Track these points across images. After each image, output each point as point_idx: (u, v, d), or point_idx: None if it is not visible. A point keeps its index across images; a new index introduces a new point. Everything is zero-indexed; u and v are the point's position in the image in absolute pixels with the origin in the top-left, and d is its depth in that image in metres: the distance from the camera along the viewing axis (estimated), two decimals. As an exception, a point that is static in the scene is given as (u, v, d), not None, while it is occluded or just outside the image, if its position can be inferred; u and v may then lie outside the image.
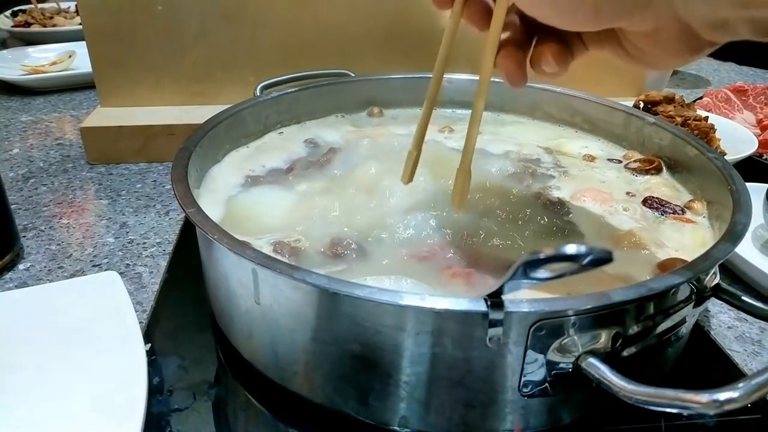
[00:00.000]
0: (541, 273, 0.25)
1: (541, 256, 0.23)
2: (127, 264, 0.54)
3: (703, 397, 0.26)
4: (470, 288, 0.36)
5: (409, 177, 0.40)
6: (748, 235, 0.56)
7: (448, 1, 0.35)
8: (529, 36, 0.34)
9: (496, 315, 0.28)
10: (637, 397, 0.28)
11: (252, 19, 0.74)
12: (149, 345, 0.42)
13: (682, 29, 0.27)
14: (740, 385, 0.26)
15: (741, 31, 0.25)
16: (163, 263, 0.53)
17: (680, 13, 0.26)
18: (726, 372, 0.43)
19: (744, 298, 0.37)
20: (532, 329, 0.30)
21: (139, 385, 0.36)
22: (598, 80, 0.81)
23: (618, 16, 0.28)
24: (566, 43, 0.33)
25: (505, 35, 0.34)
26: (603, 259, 0.22)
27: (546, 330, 0.30)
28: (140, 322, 0.43)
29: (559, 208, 0.45)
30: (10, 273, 0.52)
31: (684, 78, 1.20)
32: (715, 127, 0.68)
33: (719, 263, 0.35)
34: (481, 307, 0.29)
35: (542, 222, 0.43)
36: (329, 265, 0.39)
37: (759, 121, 0.84)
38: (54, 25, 1.27)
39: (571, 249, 0.22)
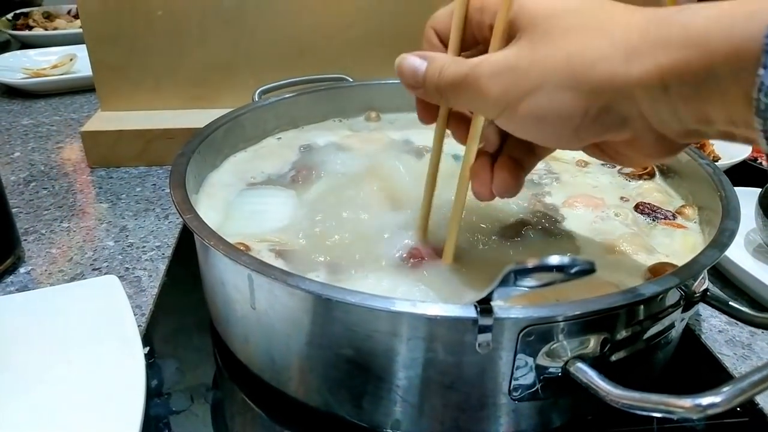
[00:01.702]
0: (529, 281, 0.25)
1: (528, 265, 0.23)
2: (127, 268, 0.54)
3: (686, 402, 0.27)
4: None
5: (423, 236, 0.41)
6: (740, 240, 0.57)
7: (432, 116, 0.37)
8: (501, 140, 0.36)
9: (485, 321, 0.29)
10: (623, 402, 0.29)
11: (251, 23, 0.75)
12: (148, 348, 0.43)
13: (657, 137, 0.28)
14: (723, 389, 0.27)
15: (713, 137, 0.28)
16: (162, 267, 0.54)
17: (655, 127, 0.27)
18: (716, 375, 0.43)
19: (731, 303, 0.37)
20: (521, 335, 0.30)
21: (138, 387, 0.37)
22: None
23: (596, 136, 0.29)
24: (531, 150, 0.35)
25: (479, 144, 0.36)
26: (586, 270, 0.23)
27: (535, 335, 0.31)
28: (139, 326, 0.44)
29: (550, 214, 0.46)
30: (11, 276, 0.53)
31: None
32: (710, 132, 0.69)
33: (706, 269, 0.35)
34: (471, 313, 0.29)
35: (533, 229, 0.43)
36: (325, 270, 0.39)
37: (754, 125, 0.84)
38: (55, 28, 1.28)
39: (554, 260, 0.23)
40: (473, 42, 0.34)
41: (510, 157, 0.35)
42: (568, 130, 0.29)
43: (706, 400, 0.26)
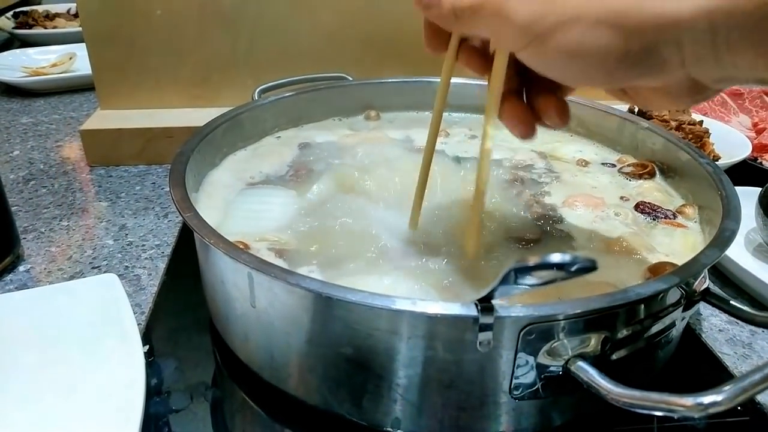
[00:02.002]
0: (530, 279, 0.25)
1: (529, 263, 0.23)
2: (126, 266, 0.54)
3: (688, 401, 0.27)
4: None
5: (415, 225, 0.41)
6: (740, 239, 0.57)
7: (441, 45, 0.34)
8: (522, 82, 0.33)
9: (486, 319, 0.29)
10: (624, 400, 0.29)
11: (250, 23, 0.75)
12: (147, 347, 0.43)
13: (691, 83, 0.26)
14: (725, 388, 0.27)
15: (747, 83, 0.26)
16: (162, 265, 0.54)
17: (692, 73, 0.26)
18: (716, 374, 0.43)
19: (732, 302, 0.37)
20: (522, 333, 0.30)
21: (138, 386, 0.37)
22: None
23: (630, 80, 0.27)
24: (559, 87, 0.33)
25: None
26: (587, 267, 0.23)
27: (536, 334, 0.31)
28: (139, 324, 0.44)
29: (550, 213, 0.46)
30: (10, 275, 0.53)
31: (681, 81, 1.20)
32: (710, 131, 0.69)
33: (707, 268, 0.35)
34: (472, 311, 0.29)
35: (534, 228, 0.43)
36: (324, 269, 0.39)
37: (754, 125, 0.85)
38: (55, 27, 1.28)
39: (556, 258, 0.23)
40: None
41: (546, 90, 0.32)
42: (601, 71, 0.26)
43: (708, 398, 0.26)
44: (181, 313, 0.48)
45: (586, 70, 0.26)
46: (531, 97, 0.33)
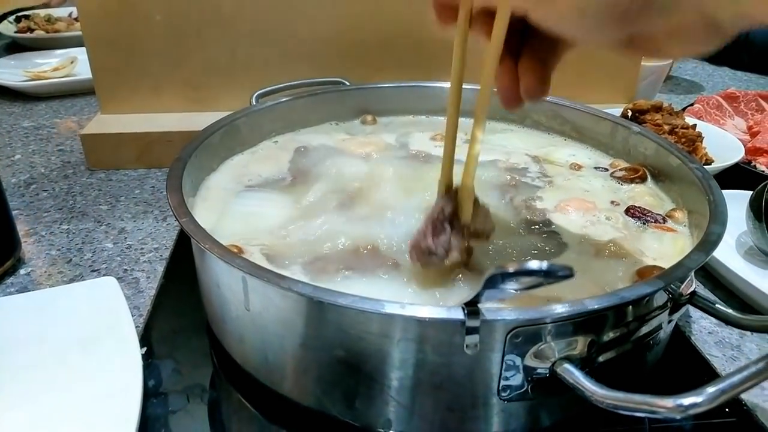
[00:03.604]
0: (513, 284, 0.26)
1: (508, 270, 0.24)
2: (125, 269, 0.55)
3: (668, 402, 0.27)
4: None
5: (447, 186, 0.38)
6: (732, 242, 0.58)
7: (451, 17, 0.33)
8: (520, 41, 0.33)
9: (473, 323, 0.30)
10: (608, 402, 0.29)
11: (249, 27, 0.76)
12: (145, 348, 0.43)
13: (707, 25, 0.25)
14: (705, 390, 0.28)
15: (763, 21, 0.24)
16: (160, 269, 0.55)
17: (708, 12, 0.25)
18: (705, 376, 0.44)
19: (718, 305, 0.38)
20: (508, 336, 0.31)
21: (135, 387, 0.38)
22: (589, 87, 0.83)
23: (642, 24, 0.26)
24: (554, 44, 0.32)
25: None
26: (563, 275, 0.23)
27: (522, 337, 0.31)
28: (137, 326, 0.44)
29: (542, 218, 0.46)
30: (11, 278, 0.53)
31: (678, 83, 1.21)
32: (703, 135, 0.70)
33: (693, 272, 0.36)
34: (459, 315, 0.30)
35: (525, 233, 0.44)
36: (317, 273, 0.40)
37: (749, 128, 0.85)
38: (56, 31, 1.29)
39: (534, 264, 0.23)
40: None
41: (533, 57, 0.32)
42: (612, 18, 0.25)
43: (687, 400, 0.27)
44: (179, 315, 0.49)
45: (597, 20, 0.26)
46: (518, 64, 0.33)
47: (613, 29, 0.26)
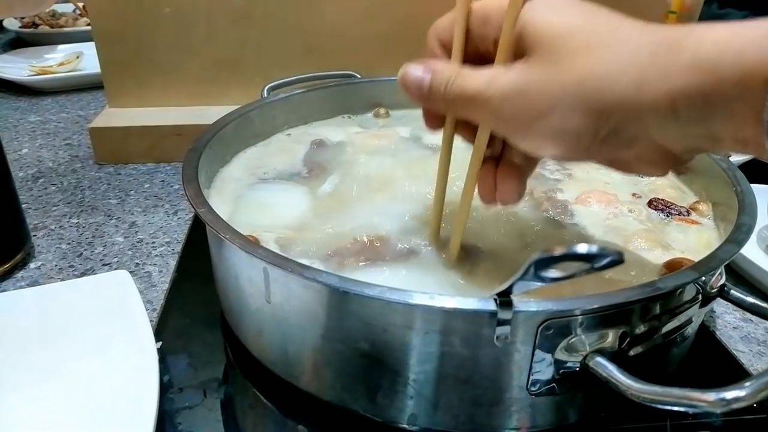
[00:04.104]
0: (551, 273, 0.25)
1: (554, 254, 0.23)
2: (137, 263, 0.54)
3: (710, 396, 0.26)
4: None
5: (435, 238, 0.41)
6: (753, 236, 0.57)
7: (438, 123, 0.37)
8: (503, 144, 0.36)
9: (504, 314, 0.29)
10: (645, 396, 0.28)
11: (259, 20, 0.75)
12: (161, 343, 0.42)
13: (664, 153, 0.29)
14: (747, 383, 0.27)
15: (720, 152, 0.30)
16: (173, 262, 0.54)
17: (662, 145, 0.28)
18: (731, 372, 0.43)
19: (749, 298, 0.37)
20: (540, 328, 0.30)
21: (151, 383, 0.37)
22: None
23: (605, 154, 0.30)
24: (531, 157, 0.35)
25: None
26: (615, 260, 0.22)
27: (554, 329, 0.30)
28: (150, 321, 0.43)
29: (563, 210, 0.45)
30: (21, 272, 0.53)
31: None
32: (720, 129, 0.69)
33: (724, 264, 0.35)
34: (490, 306, 0.29)
35: (546, 225, 0.43)
36: (334, 265, 0.39)
37: (764, 123, 0.84)
38: (61, 26, 1.28)
39: (582, 248, 0.22)
40: (476, 53, 0.33)
41: (511, 162, 0.35)
42: (578, 149, 0.29)
43: (730, 394, 0.26)
44: (193, 309, 0.48)
45: (565, 149, 0.29)
46: (497, 170, 0.36)
47: (581, 156, 0.30)
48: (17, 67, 1.04)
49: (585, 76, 0.27)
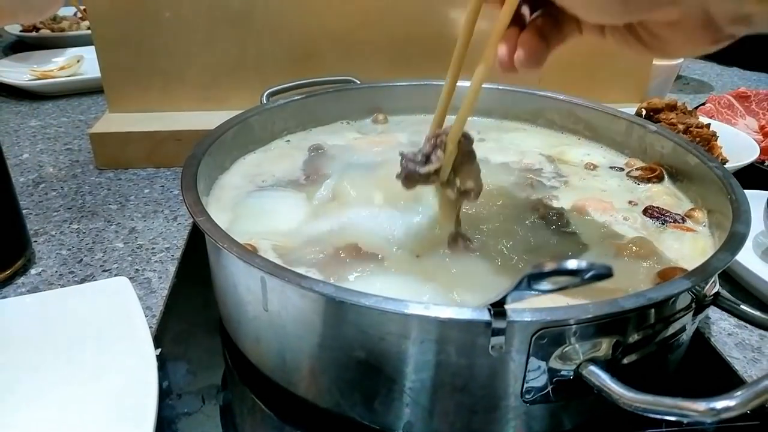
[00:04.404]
0: (543, 285, 0.25)
1: (545, 269, 0.23)
2: (137, 269, 0.55)
3: (701, 405, 0.27)
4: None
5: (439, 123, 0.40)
6: (749, 243, 0.57)
7: None
8: (531, 11, 0.34)
9: (499, 324, 0.29)
10: (636, 405, 0.29)
11: (258, 26, 0.75)
12: (159, 350, 0.43)
13: (706, 20, 0.26)
14: (737, 393, 0.27)
15: (762, 27, 0.26)
16: (172, 268, 0.54)
17: (707, 6, 0.26)
18: (726, 379, 0.43)
19: (743, 306, 0.37)
20: (534, 338, 0.31)
21: (151, 389, 0.37)
22: (600, 86, 0.82)
23: (646, 10, 0.27)
24: (559, 24, 0.33)
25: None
26: (603, 274, 0.23)
27: (548, 338, 0.31)
28: (150, 327, 0.44)
29: (559, 217, 0.46)
30: (22, 278, 0.53)
31: (687, 83, 1.20)
32: (717, 135, 0.69)
33: (718, 272, 0.35)
34: (485, 316, 0.29)
35: (542, 232, 0.43)
36: (332, 272, 0.39)
37: (761, 127, 0.84)
38: (62, 30, 1.28)
39: (572, 264, 0.23)
40: None
41: (536, 30, 0.33)
42: (618, 3, 0.27)
43: (720, 403, 0.26)
44: (192, 315, 0.48)
45: (605, 3, 0.27)
46: (520, 35, 0.34)
47: (619, 12, 0.27)
48: (18, 71, 1.05)
49: None
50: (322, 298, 0.33)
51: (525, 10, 0.34)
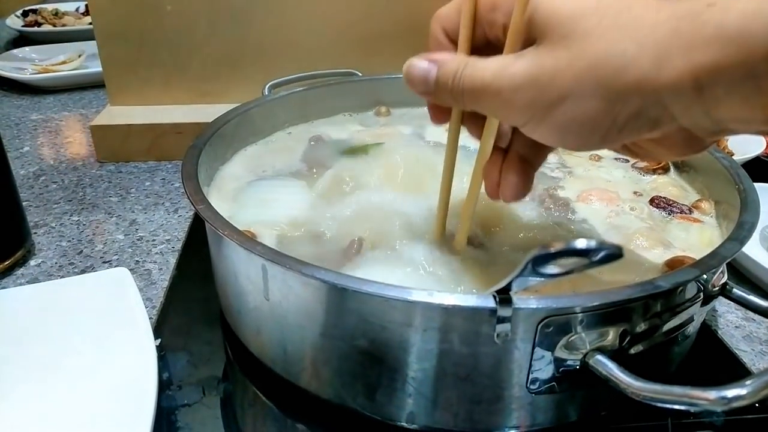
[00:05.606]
0: (550, 269, 0.25)
1: (552, 250, 0.23)
2: (137, 261, 0.54)
3: (711, 394, 0.26)
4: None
5: (439, 235, 0.40)
6: (755, 235, 0.56)
7: (444, 118, 0.36)
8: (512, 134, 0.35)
9: (504, 311, 0.29)
10: (645, 394, 0.28)
11: (260, 18, 0.75)
12: (159, 341, 0.42)
13: (687, 136, 0.28)
14: (748, 382, 0.26)
15: (743, 133, 0.27)
16: (172, 260, 0.54)
17: (686, 127, 0.27)
18: (733, 371, 0.43)
19: (751, 297, 0.37)
20: (540, 326, 0.30)
21: (150, 380, 0.37)
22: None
23: (624, 140, 0.28)
24: (540, 147, 0.33)
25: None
26: (614, 254, 0.22)
27: (554, 327, 0.30)
28: (150, 318, 0.43)
29: (564, 208, 0.45)
30: (21, 269, 0.53)
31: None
32: (723, 128, 0.68)
33: (726, 262, 0.35)
34: (490, 303, 0.29)
35: (547, 223, 0.43)
36: (334, 261, 0.39)
37: (767, 122, 0.84)
38: (64, 25, 1.28)
39: (581, 243, 0.22)
40: (483, 40, 0.32)
41: (518, 155, 0.34)
42: (595, 137, 0.28)
43: (731, 392, 0.26)
44: (192, 307, 0.48)
45: (581, 138, 0.28)
46: (503, 163, 0.35)
47: (599, 145, 0.28)
48: (19, 65, 1.04)
49: (599, 59, 0.25)
50: (324, 286, 0.32)
51: (506, 127, 0.34)
